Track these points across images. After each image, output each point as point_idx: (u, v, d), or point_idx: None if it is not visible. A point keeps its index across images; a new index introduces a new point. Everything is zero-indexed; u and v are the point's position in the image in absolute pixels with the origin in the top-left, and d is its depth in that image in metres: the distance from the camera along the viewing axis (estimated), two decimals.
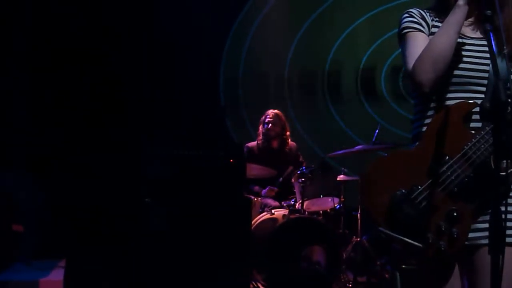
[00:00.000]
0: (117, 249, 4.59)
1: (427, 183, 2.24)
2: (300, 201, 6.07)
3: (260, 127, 6.73)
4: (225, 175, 4.96)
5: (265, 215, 6.03)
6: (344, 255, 5.90)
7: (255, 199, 6.18)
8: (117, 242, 4.60)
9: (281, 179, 6.47)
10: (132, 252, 4.57)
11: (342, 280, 5.84)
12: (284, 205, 6.17)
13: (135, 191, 4.65)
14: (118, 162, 4.77)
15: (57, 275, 5.10)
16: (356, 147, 5.96)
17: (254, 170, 6.34)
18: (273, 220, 6.02)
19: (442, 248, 2.21)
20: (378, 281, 5.73)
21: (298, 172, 6.12)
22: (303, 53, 8.10)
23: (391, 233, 2.22)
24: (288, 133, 6.75)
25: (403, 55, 2.41)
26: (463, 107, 2.31)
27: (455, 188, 2.24)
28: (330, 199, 6.24)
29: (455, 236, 2.23)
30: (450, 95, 2.38)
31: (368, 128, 6.50)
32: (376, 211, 2.26)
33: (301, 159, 6.81)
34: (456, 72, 2.35)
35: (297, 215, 5.89)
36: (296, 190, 6.25)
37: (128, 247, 4.56)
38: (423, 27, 2.45)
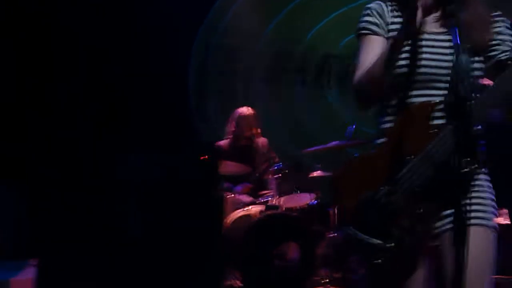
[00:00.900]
0: (90, 250, 4.69)
1: (390, 184, 2.27)
2: (277, 197, 6.17)
3: (231, 126, 6.67)
4: (197, 173, 5.22)
5: (240, 212, 6.10)
6: (319, 251, 5.92)
7: (229, 195, 6.26)
8: (90, 243, 4.69)
9: (257, 174, 6.52)
10: (105, 252, 4.67)
11: (318, 276, 5.88)
12: (262, 201, 6.22)
13: (108, 193, 4.76)
14: (90, 165, 4.86)
15: (28, 274, 5.03)
16: (331, 143, 5.97)
17: (228, 167, 6.40)
18: (249, 216, 6.07)
19: (406, 242, 2.25)
20: (353, 276, 5.73)
21: (275, 167, 6.22)
22: (279, 39, 7.95)
23: (358, 233, 2.28)
24: (259, 130, 6.72)
25: (355, 61, 2.43)
26: (426, 108, 2.32)
27: (417, 188, 2.25)
28: (306, 195, 6.26)
29: (420, 232, 2.27)
30: (413, 92, 2.37)
31: (342, 122, 6.58)
32: (345, 213, 2.33)
33: (273, 154, 6.76)
34: (419, 70, 2.35)
35: (274, 211, 5.98)
36: (273, 186, 6.33)
37: (101, 248, 4.67)
38: (379, 27, 2.45)
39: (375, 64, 2.30)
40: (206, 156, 5.50)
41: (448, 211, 2.27)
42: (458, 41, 1.98)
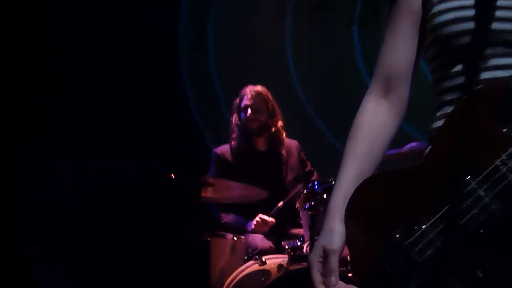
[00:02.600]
0: None
1: (433, 220, 1.84)
2: (309, 241, 4.89)
3: (233, 118, 5.68)
4: (168, 201, 4.71)
5: (252, 265, 4.90)
6: None
7: (234, 238, 5.09)
8: None
9: (281, 203, 5.32)
10: None
11: None
12: (286, 247, 4.97)
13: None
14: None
15: None
16: (411, 146, 5.00)
17: (231, 190, 5.34)
18: (264, 273, 4.88)
19: None
20: None
21: (306, 191, 4.94)
22: None
23: None
24: (280, 123, 5.65)
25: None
26: (495, 90, 1.86)
27: (481, 229, 1.79)
28: None
29: None
30: (483, 63, 1.94)
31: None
32: (358, 265, 1.97)
33: (308, 167, 5.74)
34: (492, 26, 1.93)
35: (304, 264, 4.49)
36: (303, 221, 5.04)
37: None
38: None
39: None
40: (172, 175, 4.53)
41: None
42: None
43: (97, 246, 4.51)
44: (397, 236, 1.92)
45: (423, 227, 1.90)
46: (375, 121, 2.17)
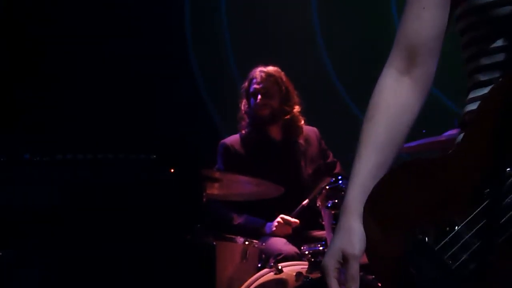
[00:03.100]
0: None
1: (468, 220, 1.71)
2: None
3: (243, 104, 5.32)
4: (166, 198, 4.20)
5: (267, 274, 4.57)
6: None
7: (246, 242, 4.71)
8: None
9: (306, 201, 4.95)
10: None
11: None
12: (306, 252, 4.58)
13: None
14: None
15: None
16: (446, 133, 4.63)
17: (241, 186, 5.03)
18: (281, 282, 4.54)
19: None
20: None
21: (328, 186, 4.51)
22: None
23: None
24: (297, 108, 5.27)
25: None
26: None
27: None
28: None
29: None
30: None
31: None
32: (379, 269, 1.82)
33: (330, 157, 5.42)
34: None
35: None
36: (325, 222, 4.59)
37: None
38: None
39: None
40: (172, 169, 4.16)
41: None
42: None
43: (83, 249, 4.30)
44: (426, 237, 1.80)
45: (456, 227, 1.77)
46: (396, 101, 2.00)
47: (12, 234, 4.37)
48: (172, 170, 4.21)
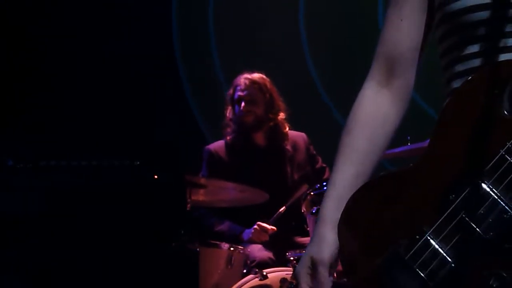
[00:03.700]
0: None
1: (435, 227, 1.71)
2: None
3: (228, 111, 5.33)
4: (150, 204, 4.29)
5: (251, 280, 4.58)
6: None
7: (231, 248, 4.76)
8: None
9: (283, 208, 5.02)
10: None
11: None
12: (291, 258, 4.67)
13: None
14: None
15: None
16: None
17: (225, 192, 5.07)
18: None
19: None
20: None
21: (313, 192, 4.58)
22: None
23: None
24: (282, 115, 5.29)
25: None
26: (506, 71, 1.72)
27: (490, 232, 1.65)
28: None
29: None
30: (504, 42, 1.79)
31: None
32: (354, 279, 1.83)
33: (319, 163, 5.40)
34: None
35: None
36: (310, 228, 4.72)
37: None
38: None
39: None
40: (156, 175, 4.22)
41: None
42: None
43: (64, 255, 4.31)
44: (398, 247, 1.80)
45: (425, 236, 1.78)
46: (375, 113, 2.00)
47: None
48: (156, 176, 4.22)
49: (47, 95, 6.39)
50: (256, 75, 5.27)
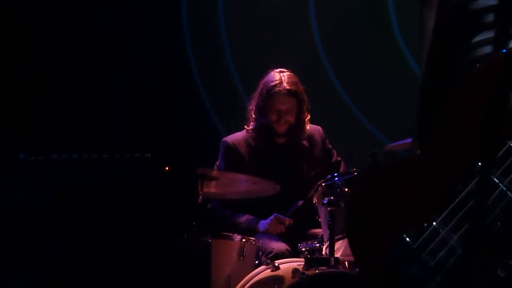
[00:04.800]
0: None
1: (443, 216, 1.76)
2: (328, 242, 4.48)
3: (253, 110, 5.16)
4: (162, 198, 4.50)
5: (263, 271, 4.54)
6: None
7: (243, 239, 4.71)
8: None
9: (301, 202, 5.00)
10: None
11: None
12: (303, 249, 4.63)
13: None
14: None
15: None
16: None
17: (238, 184, 4.99)
18: (278, 279, 4.51)
19: None
20: None
21: (325, 183, 4.55)
22: None
23: None
24: (308, 116, 5.21)
25: None
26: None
27: (498, 222, 1.69)
28: None
29: None
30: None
31: None
32: (365, 269, 1.92)
33: (335, 157, 5.35)
34: None
35: (323, 269, 4.35)
36: (322, 219, 4.65)
37: None
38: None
39: None
40: (167, 167, 4.16)
41: None
42: None
43: (78, 250, 4.32)
44: (406, 236, 1.85)
45: (433, 224, 1.82)
46: None
47: (5, 235, 4.44)
48: (168, 169, 4.21)
49: (60, 88, 6.36)
50: (292, 81, 5.10)
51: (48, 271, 4.47)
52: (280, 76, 5.08)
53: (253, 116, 5.18)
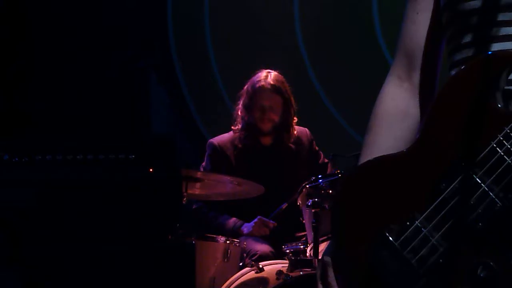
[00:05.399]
0: None
1: (425, 214, 1.72)
2: (312, 244, 4.55)
3: (240, 109, 5.21)
4: (145, 199, 4.11)
5: (248, 273, 4.63)
6: None
7: (227, 241, 4.78)
8: None
9: (285, 205, 4.93)
10: None
11: None
12: (287, 250, 4.67)
13: None
14: None
15: None
16: None
17: (222, 185, 5.08)
18: (262, 281, 4.58)
19: None
20: None
21: (309, 185, 4.61)
22: None
23: None
24: (295, 119, 5.26)
25: None
26: (502, 61, 1.71)
27: (480, 222, 1.66)
28: None
29: None
30: (494, 31, 1.79)
31: None
32: (352, 271, 1.84)
33: (322, 158, 5.39)
34: None
35: (307, 270, 4.39)
36: (306, 220, 4.75)
37: None
38: None
39: None
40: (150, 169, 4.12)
41: None
42: None
43: (59, 250, 4.18)
44: (389, 234, 1.80)
45: (416, 222, 1.78)
46: (394, 108, 2.02)
47: None
48: (151, 170, 4.16)
49: (42, 88, 6.27)
50: (278, 80, 5.15)
51: (30, 271, 4.38)
52: (266, 74, 5.10)
53: (239, 114, 5.17)
